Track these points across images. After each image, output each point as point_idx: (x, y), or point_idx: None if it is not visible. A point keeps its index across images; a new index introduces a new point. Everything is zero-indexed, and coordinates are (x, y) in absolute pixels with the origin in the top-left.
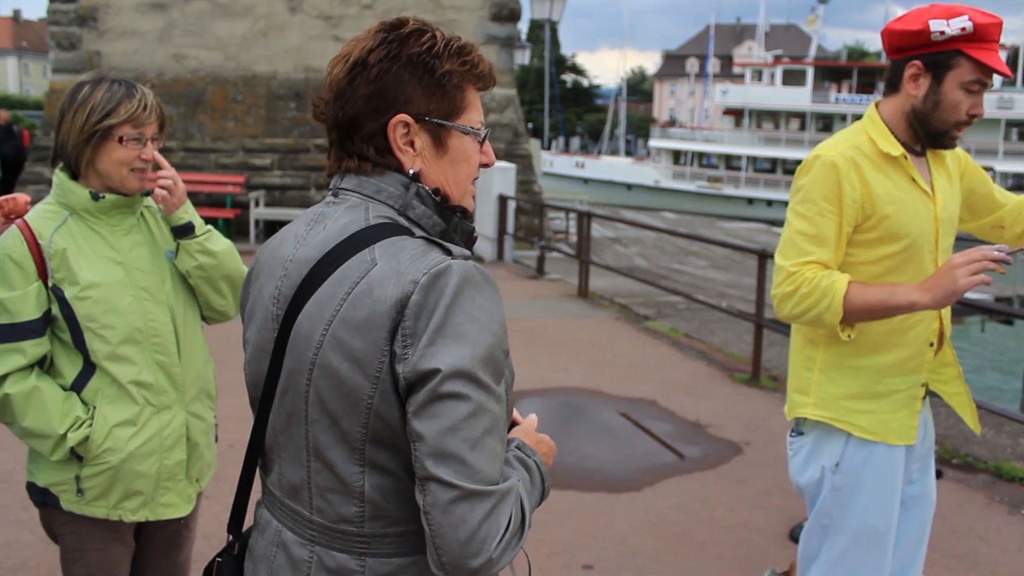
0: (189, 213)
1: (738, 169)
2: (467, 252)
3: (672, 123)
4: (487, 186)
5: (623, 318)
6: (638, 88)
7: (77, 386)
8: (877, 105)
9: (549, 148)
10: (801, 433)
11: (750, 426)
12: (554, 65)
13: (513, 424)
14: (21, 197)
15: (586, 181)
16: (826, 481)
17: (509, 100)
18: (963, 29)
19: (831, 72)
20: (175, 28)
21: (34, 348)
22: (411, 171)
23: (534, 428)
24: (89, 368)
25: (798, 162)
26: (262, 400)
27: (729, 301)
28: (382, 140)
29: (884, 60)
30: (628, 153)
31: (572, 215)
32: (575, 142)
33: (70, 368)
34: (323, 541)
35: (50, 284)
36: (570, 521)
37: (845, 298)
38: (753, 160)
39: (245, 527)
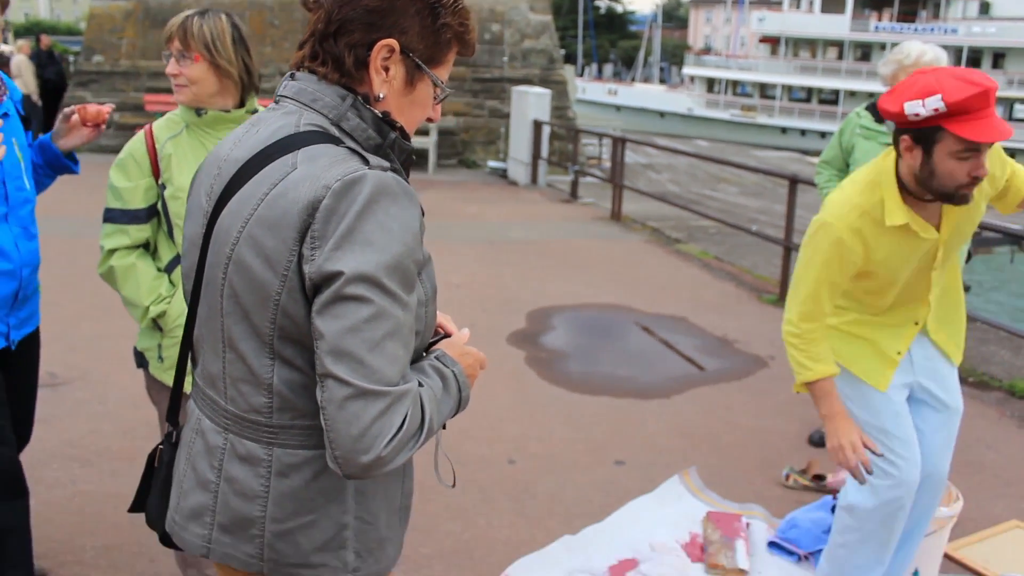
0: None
1: (772, 98)
2: (385, 164)
3: (707, 51)
4: (522, 110)
5: (655, 241)
6: (673, 15)
7: (169, 269)
8: (897, 157)
9: (582, 75)
10: None
11: (775, 343)
12: None
13: (445, 336)
14: (92, 107)
15: (619, 108)
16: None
17: (545, 26)
18: (936, 110)
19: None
20: None
21: (137, 232)
22: (379, 94)
23: (463, 341)
24: (178, 257)
25: (834, 92)
26: (192, 293)
27: (759, 226)
28: (364, 53)
29: None
30: (662, 81)
31: (605, 141)
32: (608, 69)
33: (166, 253)
34: (235, 429)
35: (160, 182)
36: (603, 423)
37: (816, 382)
38: (788, 89)
39: (182, 418)
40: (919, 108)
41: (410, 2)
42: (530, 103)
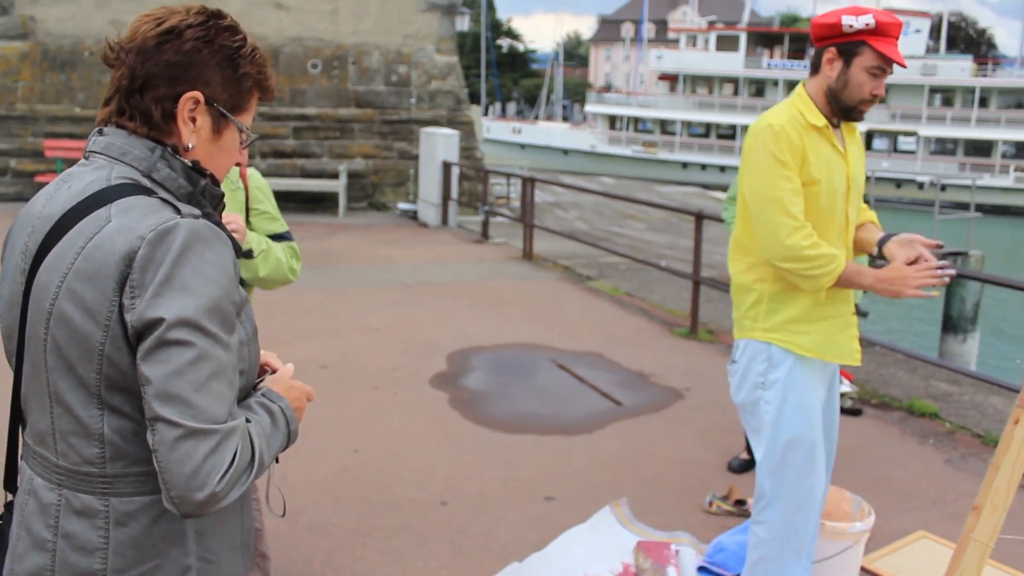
0: (250, 243)
1: (673, 134)
2: (197, 212)
3: (608, 88)
4: (431, 152)
5: (567, 279)
6: (574, 53)
7: None
8: (804, 84)
9: (486, 114)
10: (735, 362)
11: (690, 374)
12: (490, 30)
13: (271, 372)
14: None
15: (523, 147)
16: (760, 400)
17: (451, 67)
18: (867, 25)
19: (764, 38)
20: None
21: None
22: (188, 144)
23: (288, 376)
24: None
25: (731, 127)
26: (17, 353)
27: (667, 261)
28: (170, 106)
29: None
30: (564, 119)
31: (513, 180)
32: (511, 107)
33: None
34: (69, 484)
35: None
36: (530, 460)
37: (844, 272)
38: (687, 125)
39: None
40: (853, 21)
41: (210, 55)
42: (439, 144)
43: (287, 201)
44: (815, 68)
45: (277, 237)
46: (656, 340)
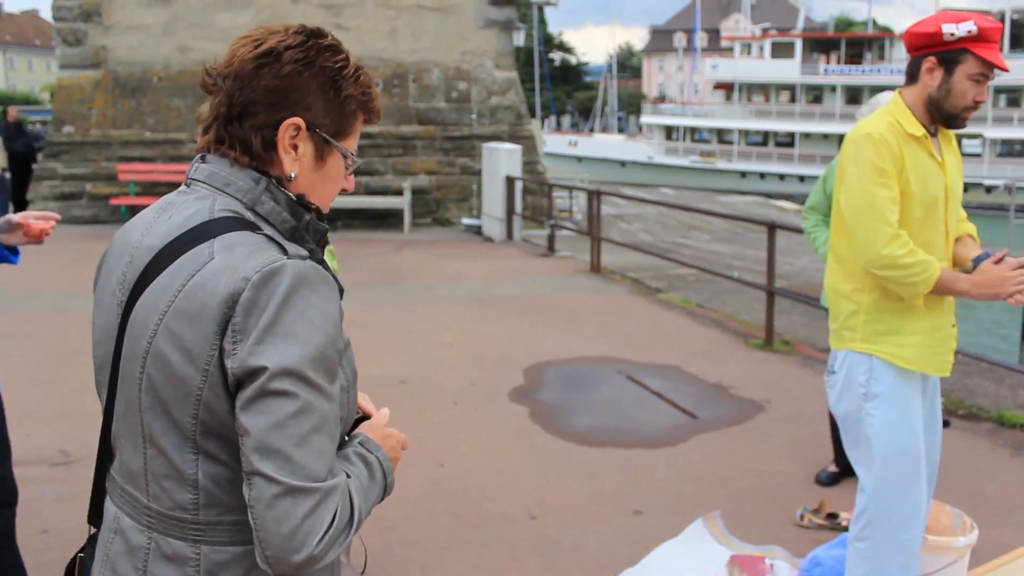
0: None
1: (730, 143)
2: (304, 252)
3: (662, 99)
4: (494, 167)
5: (636, 291)
6: (626, 64)
7: None
8: (900, 93)
9: (542, 127)
10: (834, 372)
11: (768, 386)
12: (542, 44)
13: (365, 418)
14: (44, 224)
15: (580, 159)
16: (861, 411)
17: (510, 82)
18: (969, 32)
19: (819, 44)
20: (179, 21)
21: None
22: (291, 173)
23: (383, 423)
24: None
25: (789, 135)
26: (109, 386)
27: (738, 272)
28: (270, 134)
29: (871, 31)
30: (620, 130)
31: (575, 193)
32: (566, 120)
33: None
34: (160, 528)
35: None
36: (616, 473)
37: (939, 279)
38: (745, 133)
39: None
40: (954, 29)
41: (311, 78)
42: (501, 159)
43: (352, 218)
44: (912, 77)
45: None
46: (731, 352)
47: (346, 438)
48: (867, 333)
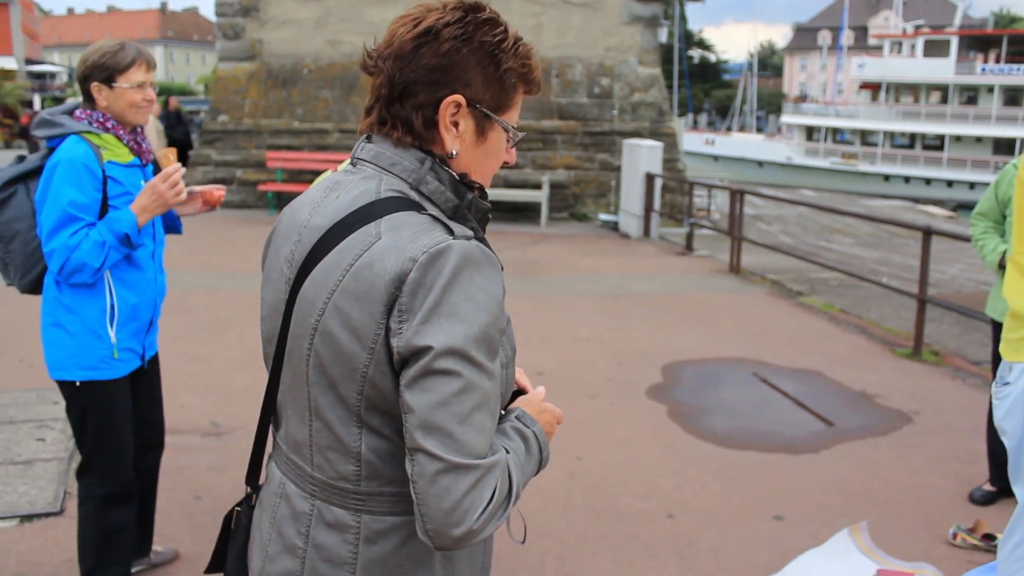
0: None
1: (874, 145)
2: (469, 232)
3: (803, 98)
4: (634, 164)
5: (776, 293)
6: (767, 63)
7: None
8: None
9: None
10: (1007, 383)
11: (916, 397)
12: (682, 41)
13: (520, 392)
14: (218, 191)
15: (716, 158)
16: None
17: (654, 79)
18: None
19: (977, 41)
20: (330, 16)
21: None
22: (452, 151)
23: (540, 399)
24: None
25: (939, 137)
26: (275, 358)
27: (885, 279)
28: (431, 112)
29: None
30: (758, 129)
31: (714, 192)
32: (702, 119)
33: None
34: (323, 496)
35: None
36: (756, 477)
37: None
38: (890, 135)
39: (262, 480)
40: None
41: (470, 53)
42: (642, 156)
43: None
44: None
45: None
46: (877, 360)
47: (502, 412)
48: None
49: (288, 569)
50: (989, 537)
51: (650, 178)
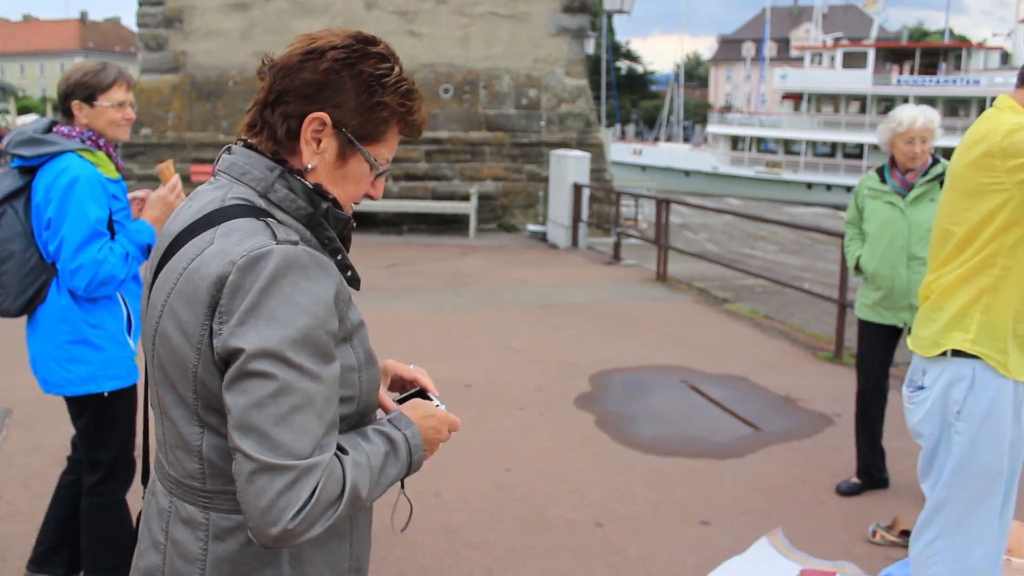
0: None
1: (797, 154)
2: (294, 237)
3: (728, 108)
4: (562, 175)
5: (703, 301)
6: (693, 73)
7: None
8: (1012, 96)
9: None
10: (922, 387)
11: (838, 399)
12: (609, 52)
13: (421, 393)
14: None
15: (644, 168)
16: (949, 429)
17: (580, 90)
18: None
19: (893, 53)
20: (256, 27)
21: None
22: (308, 164)
23: (431, 404)
24: None
25: (858, 146)
26: (147, 359)
27: (807, 284)
28: (296, 124)
29: (947, 40)
30: (685, 139)
31: (641, 201)
32: (630, 129)
33: None
34: (178, 492)
35: None
36: (683, 484)
37: None
38: (812, 144)
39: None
40: None
41: (349, 78)
42: (569, 166)
43: (418, 223)
44: None
45: None
46: (800, 364)
47: (391, 416)
48: (979, 336)
49: (153, 564)
50: (906, 533)
51: (577, 188)
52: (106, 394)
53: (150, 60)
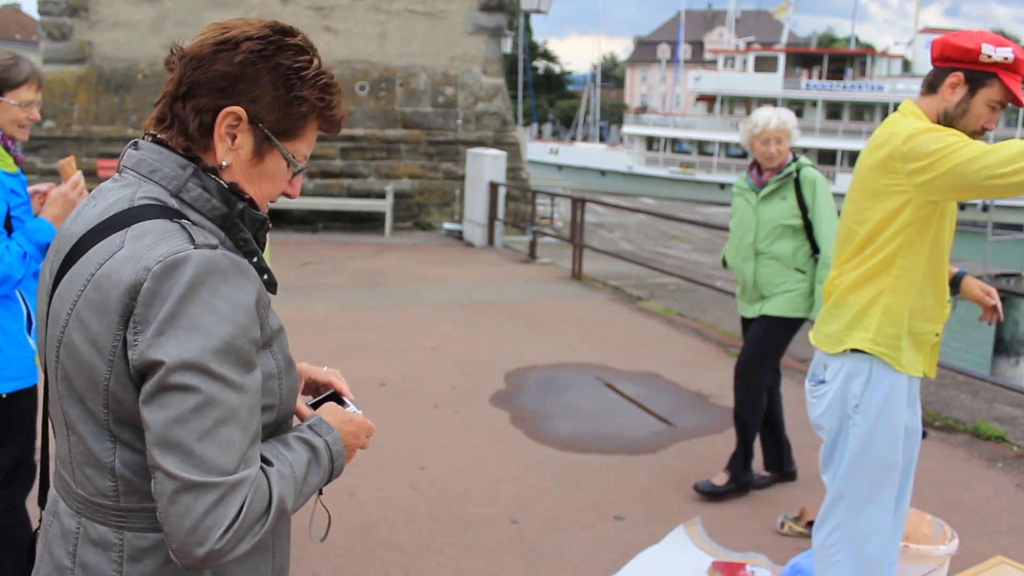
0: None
1: (710, 155)
2: (213, 240)
3: (644, 109)
4: (478, 173)
5: (617, 299)
6: (609, 74)
7: None
8: (914, 103)
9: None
10: (823, 382)
11: None
12: (527, 52)
13: (334, 397)
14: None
15: (560, 167)
16: (848, 421)
17: (497, 89)
18: (1005, 58)
19: (802, 59)
20: (167, 19)
21: None
22: (223, 162)
23: (348, 409)
24: None
25: None
26: (45, 371)
27: (721, 282)
28: (209, 119)
29: (853, 47)
30: (601, 139)
31: (557, 200)
32: (547, 128)
33: None
34: (87, 513)
35: None
36: (597, 480)
37: None
38: (725, 145)
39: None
40: (992, 52)
41: (265, 71)
42: (486, 165)
43: (333, 221)
44: (932, 88)
45: None
46: (712, 360)
47: (301, 422)
48: (878, 335)
49: None
50: (812, 524)
51: (494, 187)
52: (4, 395)
53: (53, 50)
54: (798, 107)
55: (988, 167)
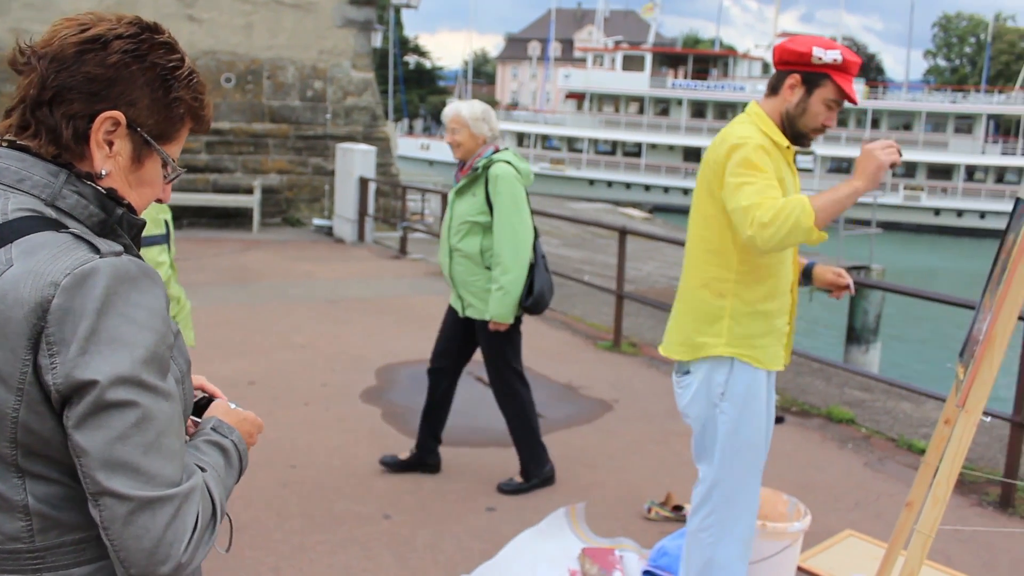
0: None
1: (580, 151)
2: (118, 247)
3: (515, 106)
4: (348, 168)
5: None
6: (480, 70)
7: None
8: (759, 105)
9: (395, 130)
10: (688, 372)
11: (616, 386)
12: (397, 47)
13: (209, 400)
14: None
15: (431, 163)
16: (715, 409)
17: (367, 83)
18: (835, 60)
19: (668, 59)
20: (14, 1)
21: None
22: (102, 171)
23: (238, 409)
24: None
25: (637, 145)
26: None
27: (589, 276)
28: (84, 125)
29: (717, 49)
30: None
31: (428, 196)
32: (418, 124)
33: None
34: None
35: None
36: (469, 472)
37: (818, 208)
38: (594, 142)
39: None
40: (823, 54)
41: (139, 72)
42: (355, 160)
43: (199, 217)
44: (774, 90)
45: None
46: (580, 353)
47: (197, 423)
48: (731, 338)
49: None
50: (678, 508)
51: (364, 182)
52: None
53: None
54: (664, 105)
55: (754, 219)
